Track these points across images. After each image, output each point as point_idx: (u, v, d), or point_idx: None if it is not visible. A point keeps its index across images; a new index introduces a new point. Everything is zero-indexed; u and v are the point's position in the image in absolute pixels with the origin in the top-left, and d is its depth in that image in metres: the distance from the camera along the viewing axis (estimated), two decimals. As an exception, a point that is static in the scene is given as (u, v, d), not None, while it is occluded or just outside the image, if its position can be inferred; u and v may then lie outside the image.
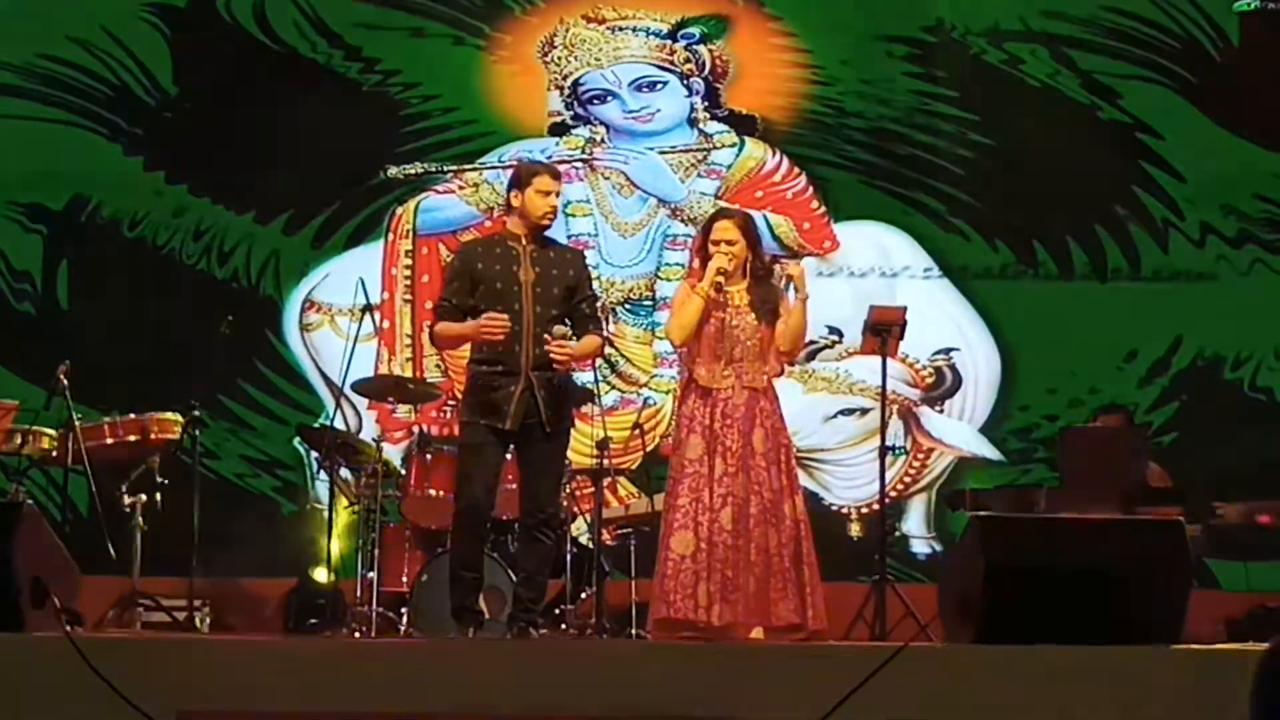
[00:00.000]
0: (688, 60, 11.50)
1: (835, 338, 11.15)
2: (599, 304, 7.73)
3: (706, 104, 11.49)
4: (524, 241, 7.45)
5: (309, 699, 5.98)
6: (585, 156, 11.45)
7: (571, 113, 11.51)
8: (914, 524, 11.24)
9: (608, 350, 11.00)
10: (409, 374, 11.00)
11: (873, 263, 11.39)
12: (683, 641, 7.24)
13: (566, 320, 7.45)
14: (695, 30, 11.52)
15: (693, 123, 11.50)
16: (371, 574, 9.08)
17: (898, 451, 11.13)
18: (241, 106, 11.39)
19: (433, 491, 9.37)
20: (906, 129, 11.51)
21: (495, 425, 7.30)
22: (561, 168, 11.25)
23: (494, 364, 7.34)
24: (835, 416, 11.23)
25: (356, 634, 8.71)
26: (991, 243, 11.40)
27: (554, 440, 7.40)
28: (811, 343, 10.88)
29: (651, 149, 11.47)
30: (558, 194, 7.49)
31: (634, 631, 8.80)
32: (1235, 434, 11.07)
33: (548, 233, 7.61)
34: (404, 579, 9.27)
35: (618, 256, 11.35)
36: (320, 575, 9.65)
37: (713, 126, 11.48)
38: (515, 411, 7.29)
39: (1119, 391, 11.08)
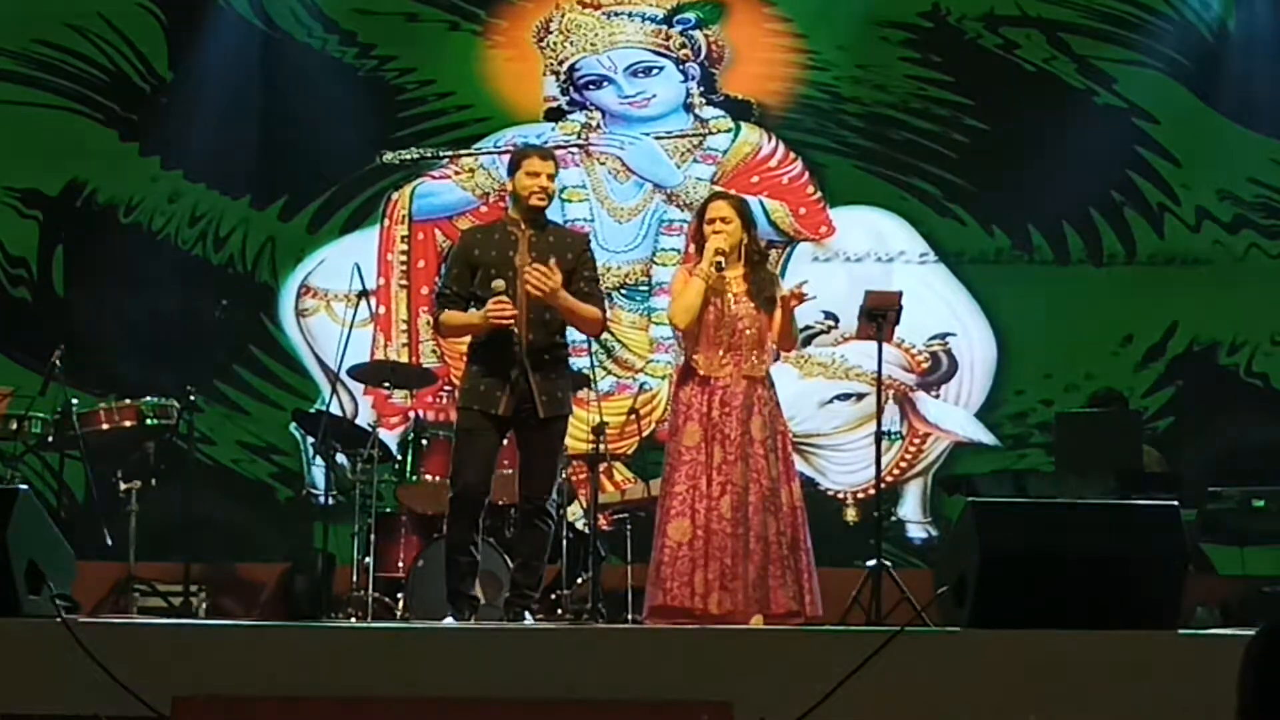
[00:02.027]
0: (683, 45, 11.50)
1: (831, 323, 11.15)
2: (600, 286, 7.69)
3: (702, 89, 11.49)
4: (522, 226, 7.44)
5: (305, 684, 5.98)
6: (581, 142, 11.45)
7: (567, 98, 11.51)
8: (910, 509, 11.25)
9: (603, 335, 11.01)
10: (405, 359, 11.01)
11: (868, 248, 11.40)
12: (680, 626, 7.24)
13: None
14: (691, 15, 11.52)
15: (688, 108, 11.50)
16: (368, 559, 9.10)
17: (893, 436, 11.13)
18: (237, 92, 11.38)
19: (429, 477, 9.38)
20: (902, 114, 11.51)
21: (489, 411, 7.30)
22: (557, 153, 11.32)
23: (489, 349, 7.33)
24: (831, 402, 11.24)
25: (353, 619, 8.72)
26: (987, 228, 11.40)
27: (550, 426, 7.40)
28: (807, 327, 10.89)
29: (647, 134, 11.47)
30: (550, 175, 7.44)
31: (630, 616, 8.81)
32: (1231, 419, 11.08)
33: (551, 217, 7.62)
34: (400, 564, 9.28)
35: (614, 242, 11.35)
36: (316, 561, 9.66)
37: (708, 112, 11.48)
38: (509, 397, 7.29)
39: (1114, 377, 11.08)
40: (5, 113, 11.38)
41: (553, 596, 8.95)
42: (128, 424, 9.38)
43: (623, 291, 11.33)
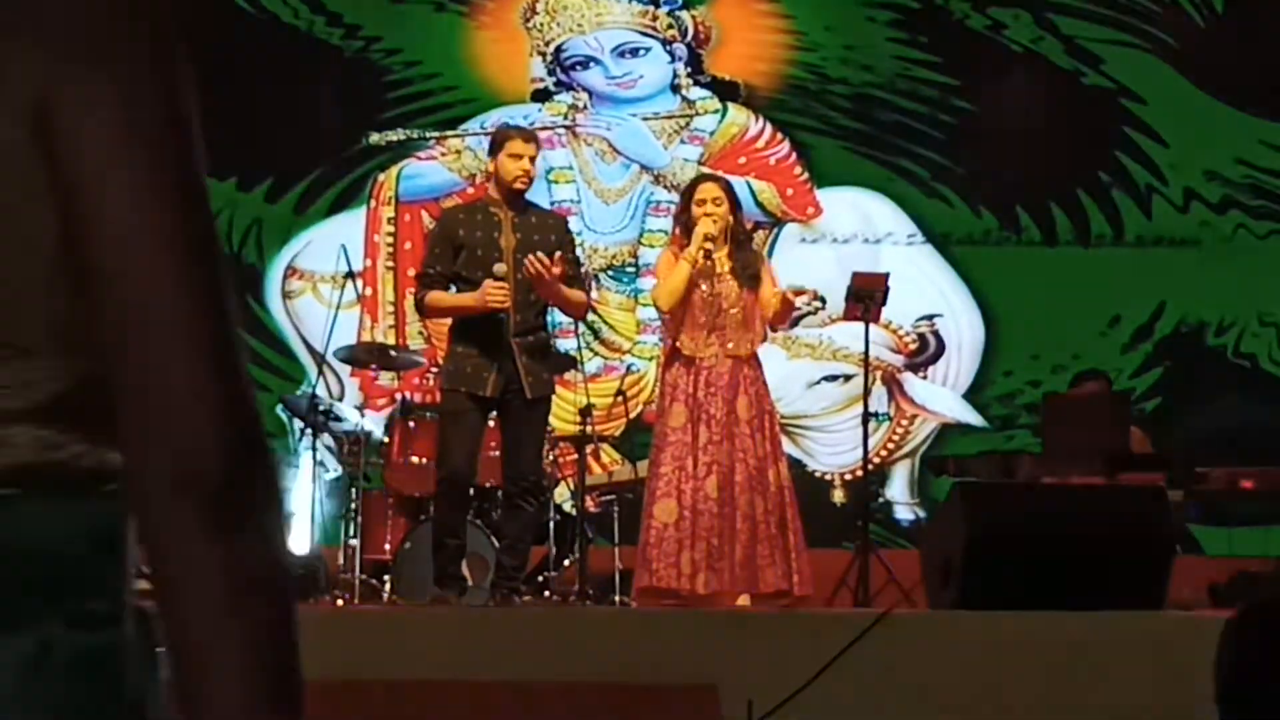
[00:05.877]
0: (670, 26, 11.47)
1: (818, 304, 11.13)
2: (583, 269, 7.69)
3: (689, 70, 11.47)
4: (505, 207, 7.42)
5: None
6: (568, 123, 11.43)
7: (554, 79, 11.48)
8: (897, 490, 11.25)
9: (590, 317, 10.99)
10: (392, 341, 10.98)
11: (856, 229, 11.39)
12: (667, 608, 7.25)
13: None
14: (678, -4, 11.50)
15: (675, 89, 11.48)
16: (354, 541, 9.08)
17: (881, 418, 11.13)
18: (222, 73, 11.32)
19: (415, 459, 9.35)
20: (889, 95, 11.49)
21: (475, 393, 7.28)
22: (543, 134, 11.29)
23: (476, 330, 7.32)
24: (818, 383, 11.23)
25: (339, 601, 8.71)
26: (975, 209, 11.40)
27: (535, 407, 7.38)
28: (794, 309, 10.87)
29: (634, 115, 11.45)
30: (532, 158, 7.40)
31: (617, 598, 8.79)
32: (1218, 400, 11.09)
33: (532, 198, 7.61)
34: (387, 546, 9.25)
35: (601, 223, 11.33)
36: (303, 543, 9.63)
37: (695, 93, 11.45)
38: (495, 378, 7.28)
39: (1102, 358, 11.09)
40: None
41: (540, 578, 8.93)
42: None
43: (610, 273, 11.32)
